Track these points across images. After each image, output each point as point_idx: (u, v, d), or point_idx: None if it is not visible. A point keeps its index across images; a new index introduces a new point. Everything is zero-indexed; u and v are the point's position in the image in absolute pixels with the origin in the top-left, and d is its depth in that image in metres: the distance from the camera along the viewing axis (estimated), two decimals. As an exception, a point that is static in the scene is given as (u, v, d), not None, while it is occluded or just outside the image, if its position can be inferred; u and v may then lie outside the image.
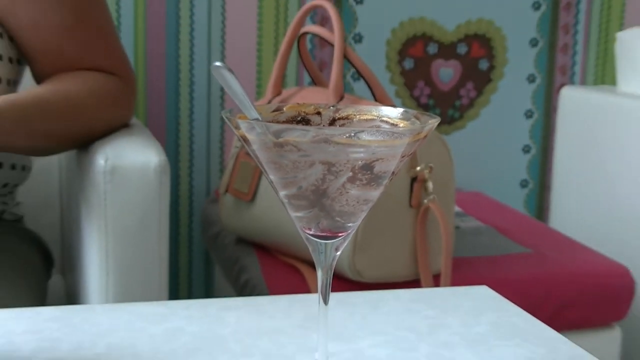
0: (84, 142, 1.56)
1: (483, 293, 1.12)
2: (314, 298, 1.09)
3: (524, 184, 3.04)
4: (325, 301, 0.82)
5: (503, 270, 1.95)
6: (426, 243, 1.79)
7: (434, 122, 0.76)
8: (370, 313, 1.02)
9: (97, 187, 1.42)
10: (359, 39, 2.71)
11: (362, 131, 0.75)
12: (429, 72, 2.83)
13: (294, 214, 0.78)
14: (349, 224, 0.77)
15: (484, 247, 2.12)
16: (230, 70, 0.73)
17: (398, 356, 0.91)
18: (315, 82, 2.02)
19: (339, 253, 0.80)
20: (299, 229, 0.80)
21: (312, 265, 1.79)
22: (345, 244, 0.80)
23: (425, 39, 2.82)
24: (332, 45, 1.85)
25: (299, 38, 1.97)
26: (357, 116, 0.84)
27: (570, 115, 2.86)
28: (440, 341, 0.96)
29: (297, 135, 0.71)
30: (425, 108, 2.79)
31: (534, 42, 2.95)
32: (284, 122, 0.81)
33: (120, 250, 1.43)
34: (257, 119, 0.75)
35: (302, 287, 1.77)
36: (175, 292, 2.69)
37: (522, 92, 2.97)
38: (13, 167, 1.61)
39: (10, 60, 1.54)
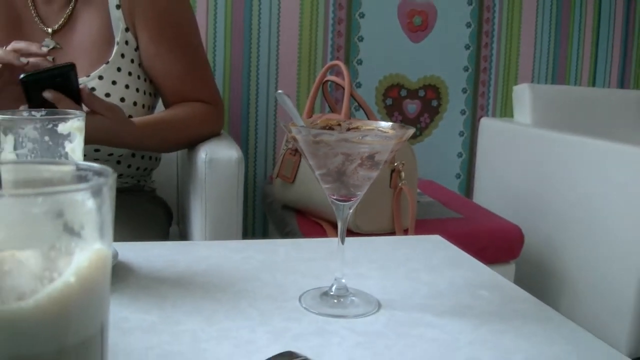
0: (191, 145, 1.56)
1: (436, 239, 1.11)
2: (333, 240, 1.09)
3: (458, 176, 3.02)
4: (342, 241, 0.81)
5: (446, 227, 1.94)
6: (400, 210, 1.79)
7: (410, 131, 0.76)
8: (367, 250, 1.02)
9: (200, 172, 1.42)
10: (359, 85, 2.70)
11: (367, 135, 0.75)
12: (401, 107, 2.83)
13: (324, 186, 0.78)
14: (358, 193, 0.77)
15: (434, 214, 2.11)
16: (288, 96, 0.73)
17: (385, 275, 0.91)
18: (332, 110, 2.02)
19: (351, 211, 0.79)
20: (327, 196, 0.79)
21: (330, 223, 1.80)
22: (354, 206, 0.79)
23: (399, 86, 2.81)
24: (343, 88, 1.84)
25: (323, 84, 1.96)
26: (363, 127, 0.83)
27: (486, 134, 2.88)
28: (410, 268, 0.95)
29: (327, 136, 0.71)
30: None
31: (464, 90, 2.94)
32: (319, 129, 0.80)
33: (213, 210, 1.43)
34: (303, 126, 0.74)
35: (324, 235, 1.77)
36: (245, 237, 2.70)
37: (457, 120, 2.96)
38: (150, 158, 1.60)
39: (150, 94, 1.54)
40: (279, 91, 0.72)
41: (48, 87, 1.13)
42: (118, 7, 1.46)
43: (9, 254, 0.38)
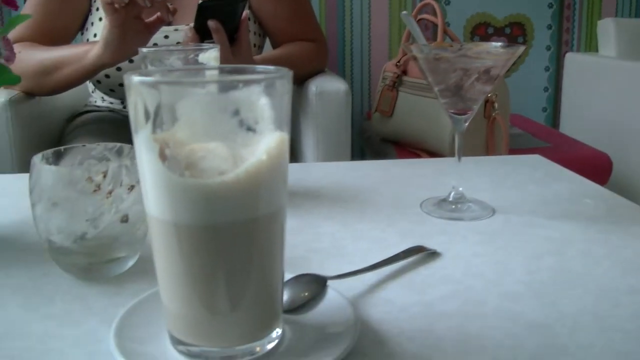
0: (301, 81, 1.60)
1: (537, 158, 1.13)
2: (442, 160, 1.12)
3: (544, 109, 2.99)
4: (459, 154, 0.84)
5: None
6: (493, 139, 1.80)
7: (521, 48, 0.78)
8: (475, 167, 1.03)
9: (311, 103, 1.47)
10: (448, 24, 2.69)
11: (483, 52, 0.77)
12: (489, 43, 2.79)
13: (442, 101, 0.81)
14: (474, 106, 0.80)
15: (524, 144, 2.11)
16: (413, 17, 0.76)
17: (495, 188, 0.94)
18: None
19: (466, 124, 0.82)
20: (444, 110, 0.82)
21: (427, 152, 1.82)
22: (470, 119, 0.82)
23: (486, 24, 2.78)
24: (436, 26, 1.85)
25: (417, 21, 1.97)
26: (474, 47, 0.85)
27: (571, 69, 2.83)
28: (517, 181, 0.98)
29: (447, 53, 0.74)
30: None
31: (549, 27, 2.89)
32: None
33: (324, 137, 1.47)
34: (425, 45, 0.77)
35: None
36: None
37: (542, 56, 2.92)
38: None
39: (259, 35, 1.58)
40: (404, 12, 0.75)
41: (217, 15, 1.15)
42: None
43: (197, 146, 0.43)
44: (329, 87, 1.46)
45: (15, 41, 1.38)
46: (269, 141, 0.42)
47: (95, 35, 1.47)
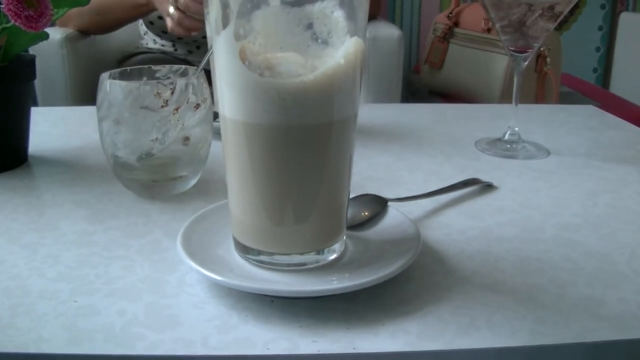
0: None
1: (591, 108, 1.12)
2: (495, 105, 1.11)
3: (594, 70, 2.94)
4: (518, 94, 0.83)
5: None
6: (544, 94, 1.78)
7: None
8: (529, 114, 1.02)
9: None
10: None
11: (548, -15, 0.76)
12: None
13: (503, 37, 0.80)
14: (535, 44, 0.79)
15: (574, 102, 2.08)
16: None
17: (549, 132, 0.93)
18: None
19: (526, 63, 0.81)
20: (505, 48, 0.82)
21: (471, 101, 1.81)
22: (530, 58, 0.81)
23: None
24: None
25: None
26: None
27: (625, 29, 2.76)
28: (572, 127, 0.97)
29: (512, -15, 0.73)
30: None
31: (606, -16, 2.82)
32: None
33: (375, 83, 1.47)
34: (489, -24, 0.77)
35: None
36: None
37: (596, 15, 2.85)
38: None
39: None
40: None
41: None
42: None
43: (271, 55, 0.44)
44: (382, 32, 1.45)
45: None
46: (346, 46, 0.43)
47: None
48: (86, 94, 1.49)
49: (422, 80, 2.00)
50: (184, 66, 0.66)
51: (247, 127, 0.43)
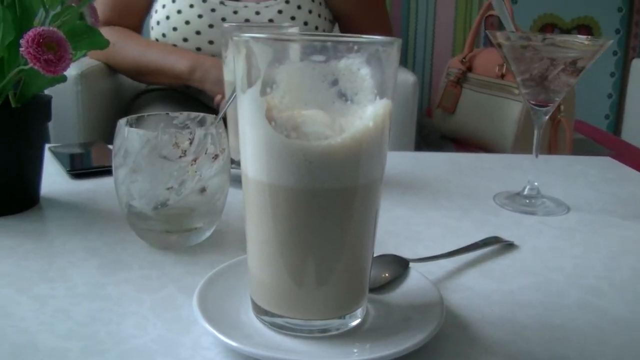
0: None
1: (607, 160, 1.11)
2: (509, 156, 1.10)
3: (606, 116, 2.93)
4: (537, 149, 0.82)
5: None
6: (557, 141, 1.76)
7: (611, 41, 0.75)
8: (545, 166, 0.99)
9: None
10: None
11: (571, 42, 0.75)
12: (553, 46, 2.74)
13: (524, 91, 0.79)
14: (556, 99, 0.78)
15: (586, 150, 2.07)
16: (502, 1, 0.74)
17: (567, 186, 0.91)
18: (492, 44, 1.99)
19: (547, 117, 0.80)
20: (525, 102, 0.80)
21: (488, 151, 1.79)
22: (550, 112, 0.80)
23: (552, 25, 2.73)
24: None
25: (485, 18, 1.94)
26: (558, 38, 0.83)
27: (638, 76, 2.76)
28: (589, 180, 0.96)
29: (535, 41, 0.72)
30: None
31: (617, 31, 2.82)
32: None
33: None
34: (512, 32, 0.76)
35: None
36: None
37: (609, 62, 2.86)
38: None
39: (329, 20, 1.58)
40: (495, -5, 0.74)
41: None
42: None
43: (296, 112, 0.42)
44: (399, 77, 1.44)
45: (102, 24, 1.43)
46: (375, 108, 0.42)
47: (164, 7, 1.48)
48: (99, 131, 1.48)
49: (435, 125, 1.99)
50: (202, 114, 0.65)
51: (270, 188, 0.42)
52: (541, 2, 2.69)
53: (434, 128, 2.02)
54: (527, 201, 0.82)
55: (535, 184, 0.83)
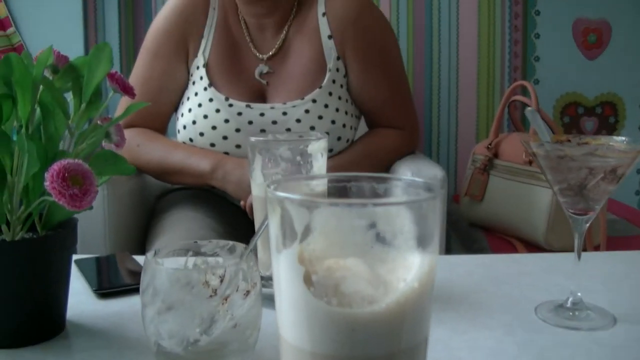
0: (385, 169, 1.58)
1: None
2: (544, 256, 1.07)
3: (637, 192, 2.88)
4: (579, 256, 0.79)
5: (636, 244, 1.84)
6: (590, 225, 1.72)
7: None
8: (584, 263, 0.96)
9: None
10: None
11: (611, 150, 0.73)
12: (578, 124, 2.73)
13: (561, 199, 0.76)
14: (596, 207, 0.76)
15: (621, 231, 2.02)
16: (537, 112, 0.73)
17: (611, 290, 0.88)
18: (517, 129, 1.98)
19: (587, 225, 0.77)
20: (564, 210, 0.78)
21: (520, 240, 1.76)
22: (591, 220, 0.77)
23: (576, 104, 2.72)
24: (526, 105, 1.81)
25: (509, 104, 1.94)
26: (593, 142, 0.81)
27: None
28: (634, 283, 0.92)
29: (572, 151, 0.70)
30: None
31: (641, 106, 2.81)
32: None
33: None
34: (548, 142, 0.74)
35: (514, 252, 1.72)
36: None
37: (635, 137, 2.82)
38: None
39: (356, 116, 1.57)
40: (529, 108, 0.72)
41: None
42: (330, 37, 1.51)
43: (333, 261, 0.40)
44: (425, 173, 1.42)
45: (124, 126, 1.43)
46: (420, 266, 0.39)
47: (190, 110, 1.49)
48: (126, 232, 1.47)
49: (462, 212, 1.96)
50: (231, 242, 0.63)
51: (308, 354, 0.39)
52: (563, 82, 2.69)
53: (462, 215, 1.99)
54: (571, 314, 0.78)
55: (579, 294, 0.80)
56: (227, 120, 1.45)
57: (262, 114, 1.46)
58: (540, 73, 2.66)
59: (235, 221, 1.48)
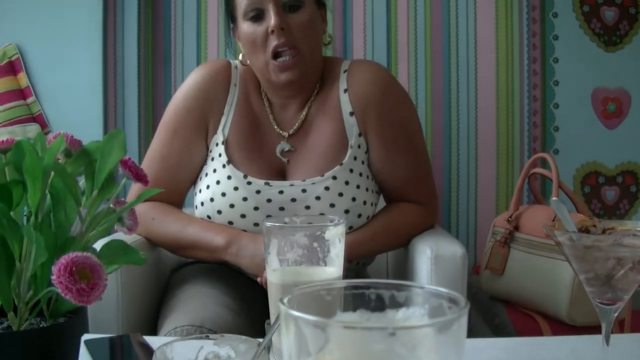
0: (404, 244, 1.56)
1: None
2: (566, 338, 1.03)
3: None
4: (607, 343, 0.76)
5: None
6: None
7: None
8: (612, 347, 0.92)
9: (424, 267, 1.41)
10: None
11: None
12: (599, 194, 2.70)
13: (588, 289, 0.74)
14: (625, 297, 0.72)
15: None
16: (562, 202, 0.71)
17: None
18: (538, 202, 1.95)
19: (616, 314, 0.74)
20: (590, 299, 0.75)
21: (542, 314, 1.71)
22: (620, 310, 0.74)
23: (596, 173, 2.69)
24: (550, 179, 1.79)
25: (530, 176, 1.92)
26: (619, 227, 0.78)
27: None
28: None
29: (600, 242, 0.67)
30: (598, 217, 2.64)
31: (663, 174, 2.77)
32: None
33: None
34: (574, 232, 0.71)
35: (536, 328, 1.68)
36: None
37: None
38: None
39: (376, 192, 1.56)
40: (553, 199, 0.70)
41: None
42: (352, 114, 1.50)
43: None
44: (444, 251, 1.40)
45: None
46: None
47: (207, 187, 1.48)
48: (140, 313, 1.45)
49: (483, 286, 1.92)
50: (244, 337, 0.61)
51: None
52: (583, 152, 2.67)
53: (482, 288, 1.95)
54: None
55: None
56: (245, 199, 1.44)
57: (281, 192, 1.45)
58: (560, 143, 2.64)
59: (251, 297, 1.45)
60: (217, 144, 1.51)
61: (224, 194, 1.45)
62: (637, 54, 2.67)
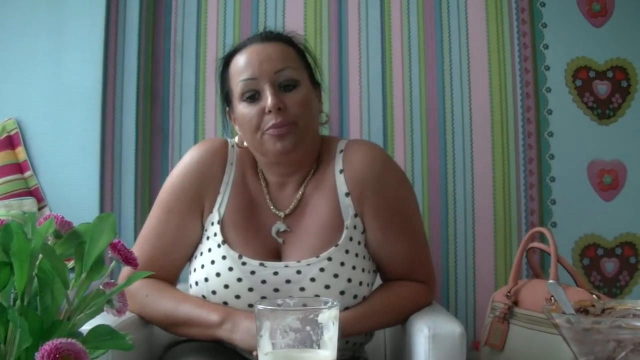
0: (402, 322, 1.54)
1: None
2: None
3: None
4: None
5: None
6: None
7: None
8: None
9: (421, 346, 1.37)
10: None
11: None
12: (598, 266, 2.68)
13: None
14: (627, 376, 0.70)
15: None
16: (559, 285, 0.69)
17: None
18: (536, 276, 1.93)
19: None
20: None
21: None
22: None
23: (595, 246, 2.67)
24: (549, 253, 1.78)
25: (528, 251, 1.91)
26: (618, 307, 0.77)
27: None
28: None
29: (600, 324, 0.66)
30: (597, 289, 2.61)
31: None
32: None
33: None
34: (573, 314, 0.70)
35: (538, 407, 1.64)
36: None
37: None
38: (365, 334, 1.59)
39: (373, 272, 1.54)
40: (550, 281, 0.69)
41: None
42: (347, 194, 1.49)
43: None
44: (441, 329, 1.37)
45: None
46: None
47: (202, 267, 1.47)
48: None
49: (483, 361, 1.89)
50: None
51: None
52: (581, 224, 2.65)
53: (484, 365, 1.91)
54: None
55: None
56: (240, 279, 1.42)
57: (275, 273, 1.43)
58: (557, 216, 2.64)
59: (245, 375, 1.43)
60: (212, 223, 1.50)
61: (218, 274, 1.44)
62: (630, 126, 2.69)
